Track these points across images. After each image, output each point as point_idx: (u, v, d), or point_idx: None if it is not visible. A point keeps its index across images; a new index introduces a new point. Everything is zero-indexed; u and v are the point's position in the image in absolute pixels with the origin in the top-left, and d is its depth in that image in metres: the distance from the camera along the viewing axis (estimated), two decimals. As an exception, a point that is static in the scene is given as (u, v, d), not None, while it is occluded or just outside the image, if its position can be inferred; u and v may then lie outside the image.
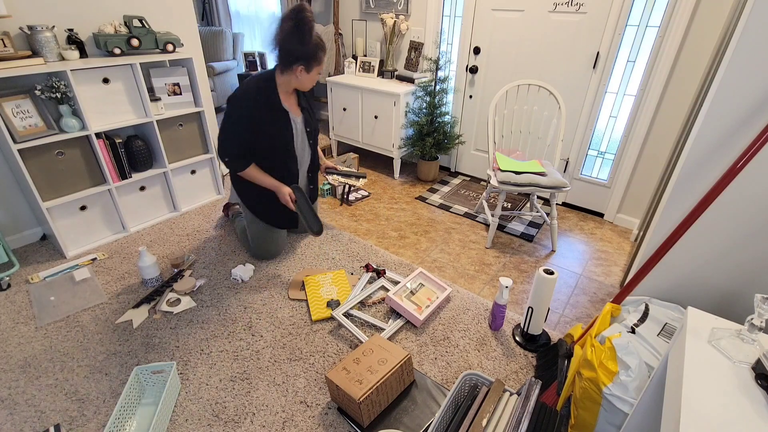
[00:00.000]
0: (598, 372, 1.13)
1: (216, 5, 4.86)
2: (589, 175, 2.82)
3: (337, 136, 3.50)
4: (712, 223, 1.22)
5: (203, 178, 2.65)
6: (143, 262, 1.86)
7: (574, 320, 1.87)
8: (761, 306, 0.76)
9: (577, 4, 2.43)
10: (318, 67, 1.77)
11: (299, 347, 1.63)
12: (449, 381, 1.50)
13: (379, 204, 2.85)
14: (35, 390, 1.43)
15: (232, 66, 4.60)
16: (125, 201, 2.30)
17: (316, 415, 1.37)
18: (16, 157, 1.82)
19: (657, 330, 1.22)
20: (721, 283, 1.28)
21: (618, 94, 2.55)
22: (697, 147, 1.18)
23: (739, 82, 1.08)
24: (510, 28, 2.73)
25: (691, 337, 0.85)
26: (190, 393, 1.44)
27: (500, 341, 1.68)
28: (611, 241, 2.52)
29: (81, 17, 2.09)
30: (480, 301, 1.89)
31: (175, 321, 1.74)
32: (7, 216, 2.14)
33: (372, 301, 1.87)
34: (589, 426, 1.19)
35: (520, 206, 2.91)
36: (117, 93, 2.12)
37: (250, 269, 2.03)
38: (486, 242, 2.45)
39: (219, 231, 2.39)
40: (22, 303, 1.82)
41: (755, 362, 0.77)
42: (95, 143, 2.06)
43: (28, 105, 1.88)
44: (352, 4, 3.44)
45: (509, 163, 2.32)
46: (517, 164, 2.31)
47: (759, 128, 1.08)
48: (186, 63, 2.35)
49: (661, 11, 2.23)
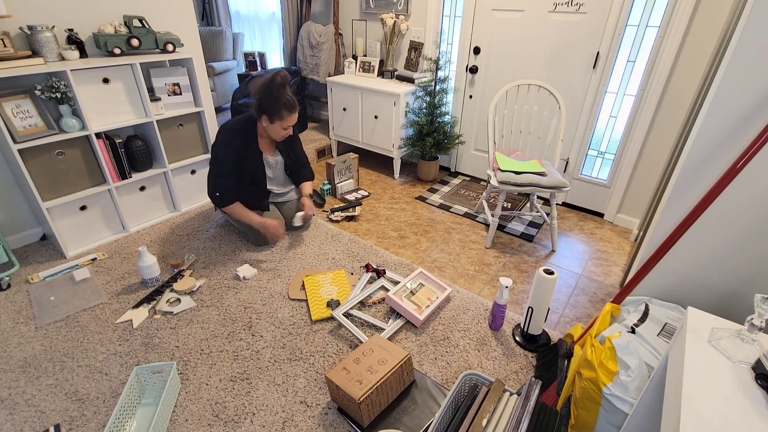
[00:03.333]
0: (598, 372, 1.13)
1: (216, 5, 4.86)
2: (589, 175, 2.82)
3: (337, 136, 3.50)
4: (711, 223, 1.22)
5: (203, 178, 2.65)
6: (143, 262, 1.86)
7: (574, 320, 1.87)
8: (761, 306, 0.76)
9: (577, 4, 2.43)
10: (280, 122, 2.02)
11: (299, 347, 1.63)
12: (449, 381, 1.50)
13: (379, 204, 2.85)
14: (35, 390, 1.43)
15: (232, 66, 4.60)
16: (125, 201, 2.30)
17: (316, 415, 1.37)
18: (16, 157, 1.82)
19: (657, 330, 1.22)
20: (721, 283, 1.28)
21: (618, 94, 2.55)
22: (697, 147, 1.18)
23: (739, 82, 1.08)
24: (510, 28, 2.73)
25: (691, 337, 0.85)
26: (190, 393, 1.44)
27: (500, 341, 1.68)
28: (611, 241, 2.52)
29: (81, 17, 2.09)
30: (480, 301, 1.89)
31: (175, 321, 1.74)
32: (7, 216, 2.14)
33: (372, 301, 1.87)
34: (589, 426, 1.19)
35: (520, 206, 2.91)
36: (117, 93, 2.12)
37: (252, 270, 2.03)
38: (486, 242, 2.45)
39: (219, 231, 2.39)
40: (22, 303, 1.82)
41: (755, 362, 0.77)
42: (95, 143, 2.06)
43: (28, 105, 1.88)
44: (352, 4, 3.44)
45: (509, 163, 2.32)
46: (517, 164, 2.31)
47: (759, 128, 1.08)
48: (186, 63, 2.35)
49: (661, 11, 2.23)
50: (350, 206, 2.61)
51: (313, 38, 3.68)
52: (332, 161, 3.02)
